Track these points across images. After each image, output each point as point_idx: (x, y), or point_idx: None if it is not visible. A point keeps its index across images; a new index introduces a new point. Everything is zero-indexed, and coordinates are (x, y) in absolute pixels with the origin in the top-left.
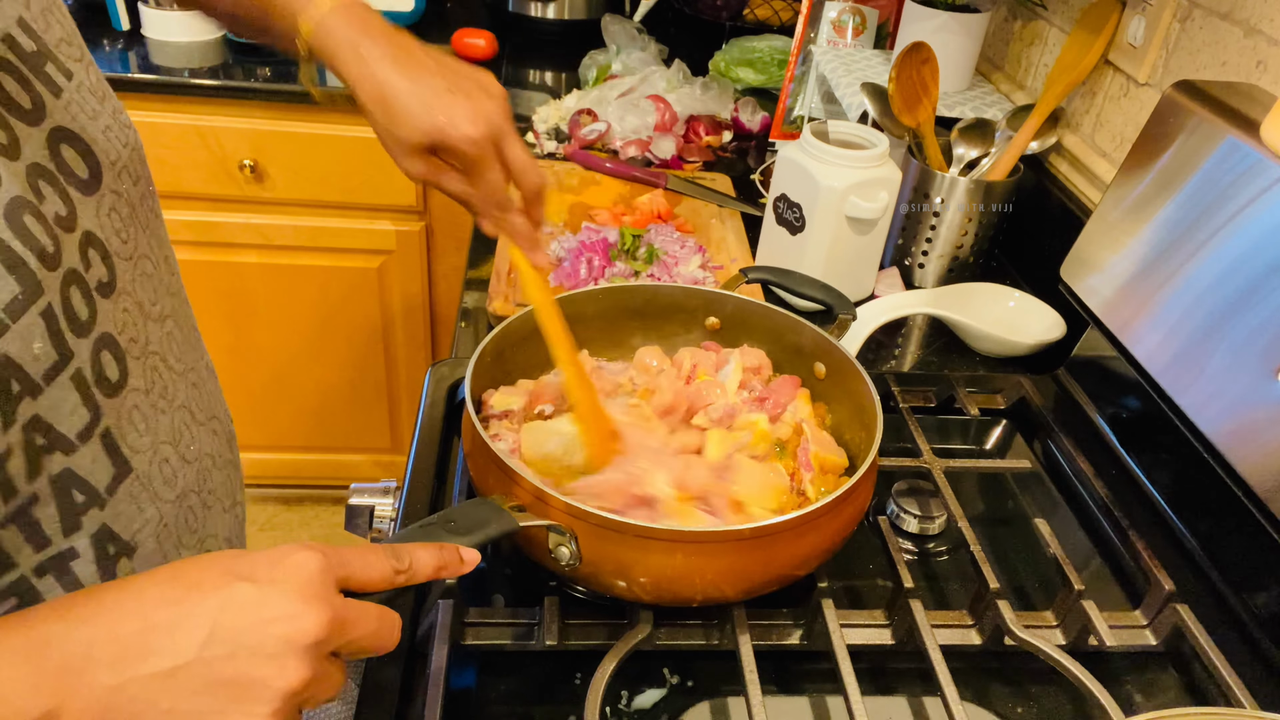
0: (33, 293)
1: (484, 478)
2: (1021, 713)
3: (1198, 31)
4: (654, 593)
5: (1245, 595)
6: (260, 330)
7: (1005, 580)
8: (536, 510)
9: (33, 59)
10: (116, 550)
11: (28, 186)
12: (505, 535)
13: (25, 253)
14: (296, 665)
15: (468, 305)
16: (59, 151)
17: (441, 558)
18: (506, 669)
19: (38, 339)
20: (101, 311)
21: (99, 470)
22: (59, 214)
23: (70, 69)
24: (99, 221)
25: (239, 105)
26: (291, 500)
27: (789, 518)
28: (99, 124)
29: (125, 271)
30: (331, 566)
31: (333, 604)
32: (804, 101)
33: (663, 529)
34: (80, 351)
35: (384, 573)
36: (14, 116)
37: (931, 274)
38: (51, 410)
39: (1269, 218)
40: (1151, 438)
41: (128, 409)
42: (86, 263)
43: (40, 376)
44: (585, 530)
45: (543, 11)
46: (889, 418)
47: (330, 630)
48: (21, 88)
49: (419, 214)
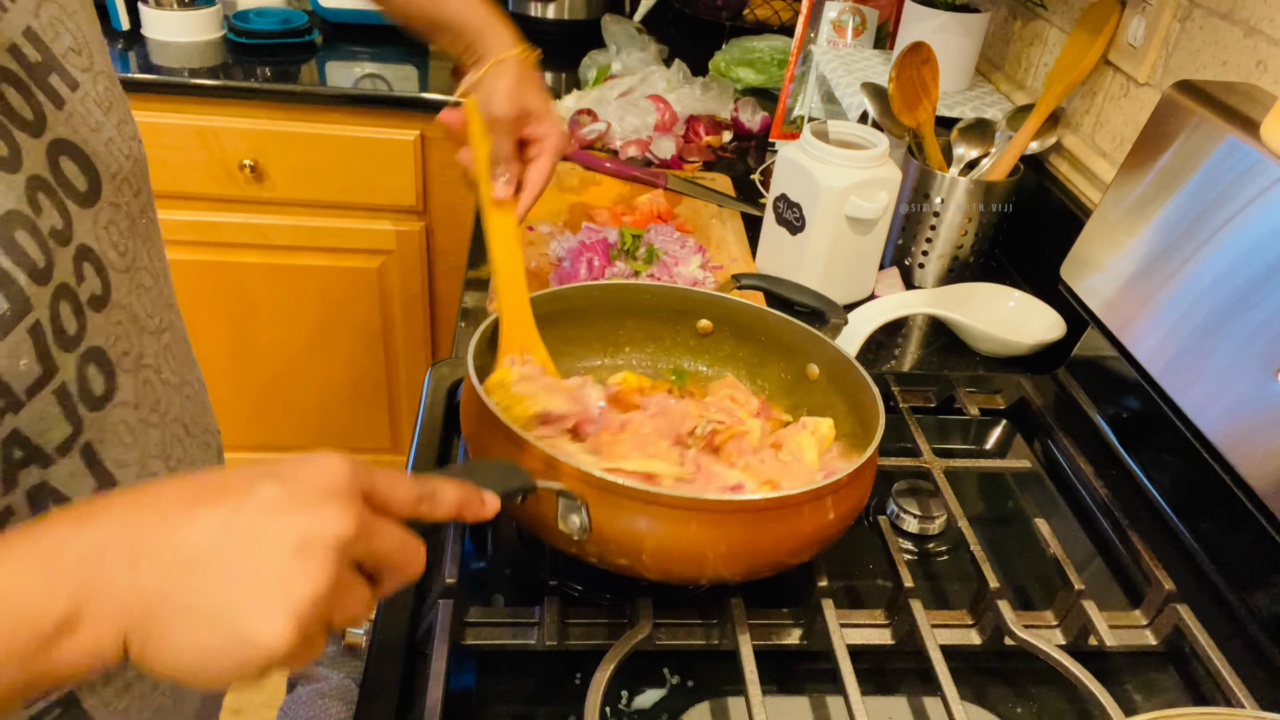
0: (21, 310)
1: (489, 451)
2: (1021, 713)
3: (1198, 31)
4: (656, 568)
5: (1245, 595)
6: (260, 330)
7: (1005, 580)
8: (548, 477)
9: (37, 69)
10: None
11: (25, 200)
12: (524, 491)
13: (15, 270)
14: (321, 564)
15: (468, 305)
16: (58, 164)
17: (464, 494)
18: (506, 669)
19: (24, 355)
20: (92, 325)
21: (76, 484)
22: (55, 227)
23: (77, 79)
24: (96, 234)
25: (239, 105)
26: None
27: (800, 490)
28: (101, 136)
29: (121, 284)
30: (358, 475)
31: (359, 507)
32: (804, 101)
33: (674, 495)
34: (65, 366)
35: (408, 494)
36: (16, 128)
37: (931, 274)
38: (31, 424)
39: (1269, 218)
40: (1151, 438)
41: (113, 423)
42: (80, 276)
43: (23, 392)
44: (595, 497)
45: (542, 11)
46: (890, 418)
47: (356, 531)
48: (24, 99)
49: (419, 214)
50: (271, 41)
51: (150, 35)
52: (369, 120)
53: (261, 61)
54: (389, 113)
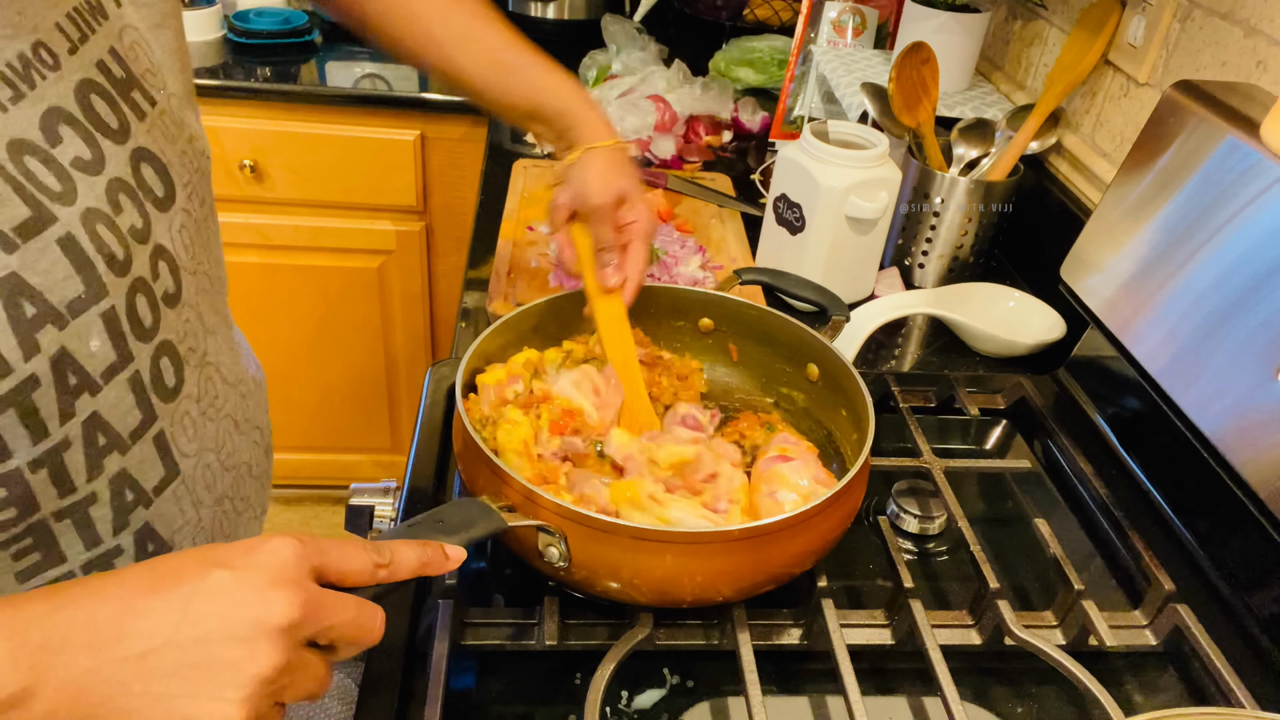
0: (96, 294)
1: (474, 478)
2: (1021, 713)
3: (1198, 31)
4: (648, 593)
5: (1245, 595)
6: (260, 330)
7: (1005, 580)
8: (526, 511)
9: (121, 84)
10: (155, 549)
11: (106, 199)
12: (494, 534)
13: (95, 256)
14: (268, 649)
15: (468, 305)
16: (140, 169)
17: (425, 555)
18: (506, 669)
19: (94, 337)
20: (165, 320)
21: (149, 471)
22: (134, 226)
23: (155, 96)
24: (171, 236)
25: (239, 105)
26: (291, 500)
27: (780, 519)
28: (176, 148)
29: (190, 284)
30: (308, 554)
31: (305, 589)
32: (804, 101)
33: (652, 530)
34: (140, 355)
35: (363, 564)
36: (101, 134)
37: (931, 274)
38: (110, 409)
39: (1269, 218)
40: (1151, 438)
41: (180, 415)
42: (155, 273)
43: (99, 375)
44: (574, 531)
45: (543, 11)
46: (889, 418)
47: (303, 614)
48: (110, 109)
49: (419, 214)
50: (271, 41)
51: None
52: (369, 120)
53: (261, 61)
54: (389, 113)
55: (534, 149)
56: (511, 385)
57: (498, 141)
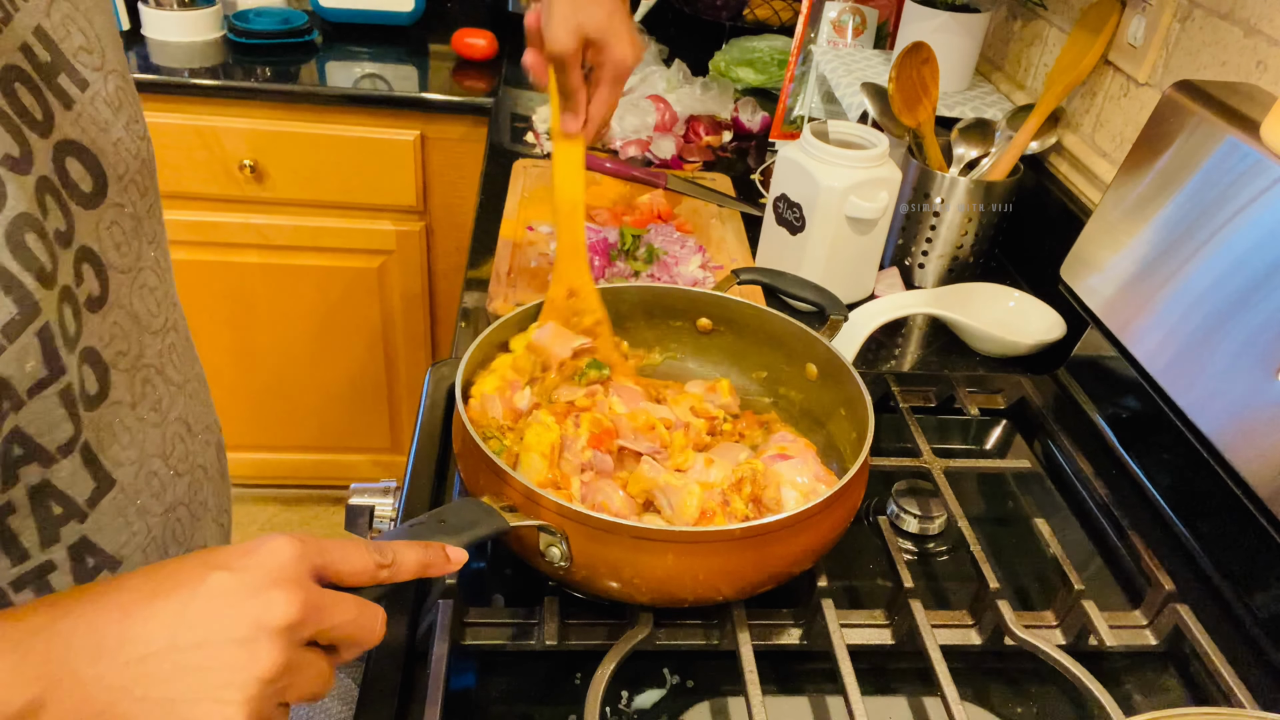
0: (30, 314)
1: (475, 478)
2: (1021, 713)
3: (1198, 31)
4: (648, 593)
5: (1245, 595)
6: (260, 330)
7: (1005, 580)
8: (527, 510)
9: (46, 69)
10: (96, 563)
11: (35, 202)
12: (496, 535)
13: (23, 273)
14: (268, 650)
15: (468, 305)
16: (64, 165)
17: (426, 555)
18: (506, 669)
19: (31, 358)
20: (87, 326)
21: (78, 483)
22: (59, 230)
23: (87, 79)
24: (98, 235)
25: (239, 105)
26: (291, 500)
27: (780, 518)
28: (110, 136)
29: (121, 284)
30: (308, 554)
31: (305, 589)
32: (804, 101)
33: (654, 529)
34: (71, 366)
35: (364, 564)
36: (27, 127)
37: (931, 274)
38: (32, 423)
39: (1269, 218)
40: (1151, 438)
41: (108, 422)
42: (79, 278)
43: (25, 391)
44: (576, 531)
45: None
46: (889, 418)
47: (303, 614)
48: (35, 99)
49: (419, 214)
50: (271, 41)
51: (150, 35)
52: (369, 120)
53: (261, 61)
54: (389, 113)
55: (534, 149)
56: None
57: (498, 141)
